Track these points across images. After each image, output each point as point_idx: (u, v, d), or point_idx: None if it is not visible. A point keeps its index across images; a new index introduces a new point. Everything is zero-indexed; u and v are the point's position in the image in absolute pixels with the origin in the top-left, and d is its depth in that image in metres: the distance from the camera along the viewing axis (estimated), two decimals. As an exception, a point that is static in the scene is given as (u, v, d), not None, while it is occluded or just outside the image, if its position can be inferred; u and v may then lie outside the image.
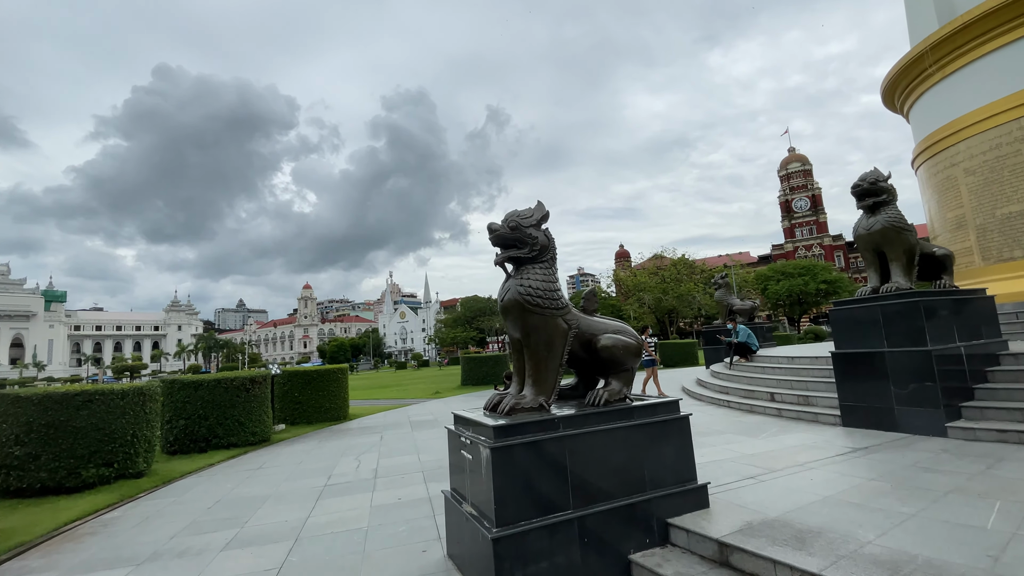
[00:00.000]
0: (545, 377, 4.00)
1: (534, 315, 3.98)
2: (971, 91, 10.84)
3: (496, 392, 4.27)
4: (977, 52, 10.62)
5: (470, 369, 24.02)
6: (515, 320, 4.05)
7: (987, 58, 10.41)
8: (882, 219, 6.86)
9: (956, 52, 10.96)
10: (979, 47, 10.56)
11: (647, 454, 3.94)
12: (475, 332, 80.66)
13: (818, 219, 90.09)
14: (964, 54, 10.81)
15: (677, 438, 4.11)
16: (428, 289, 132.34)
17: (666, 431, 4.08)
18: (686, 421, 4.18)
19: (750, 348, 11.70)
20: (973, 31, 10.49)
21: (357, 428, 12.94)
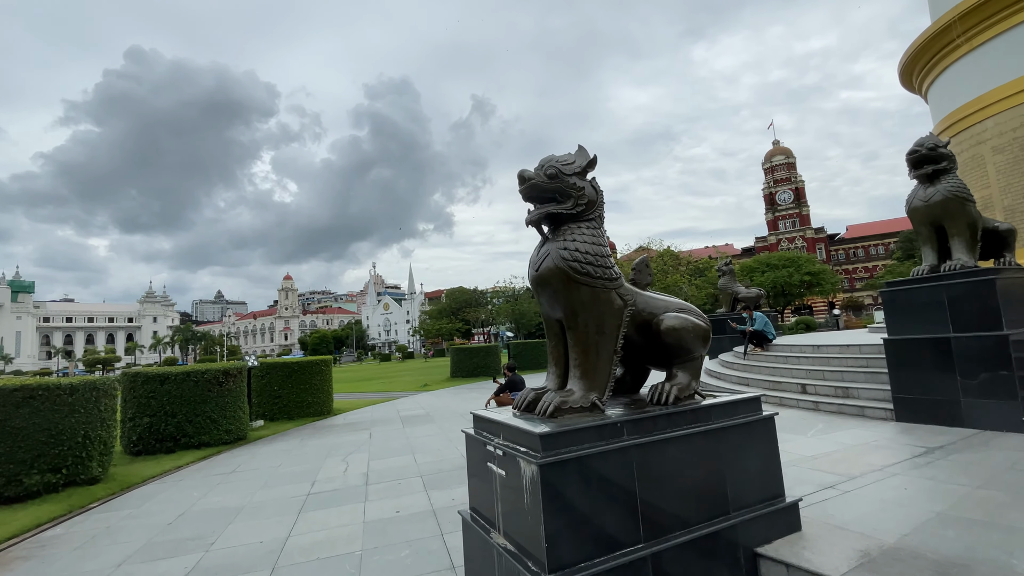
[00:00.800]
0: (596, 367, 3.09)
1: (582, 288, 3.07)
2: (1001, 64, 10.18)
3: (531, 390, 3.36)
4: (1009, 22, 9.94)
5: (460, 361, 23.07)
6: (556, 295, 3.14)
7: (1020, 29, 9.73)
8: (943, 189, 6.10)
9: (986, 23, 10.27)
10: (1011, 17, 9.88)
11: (729, 466, 3.08)
12: (461, 323, 79.45)
13: (801, 212, 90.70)
14: (995, 24, 10.13)
15: (763, 444, 3.26)
16: (412, 280, 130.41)
17: (750, 436, 3.22)
18: (771, 423, 3.33)
19: (767, 337, 10.99)
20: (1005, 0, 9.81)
21: (343, 424, 11.93)
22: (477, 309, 77.91)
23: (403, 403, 15.51)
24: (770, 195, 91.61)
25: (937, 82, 12.41)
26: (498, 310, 75.42)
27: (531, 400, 3.24)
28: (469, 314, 77.51)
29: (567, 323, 3.16)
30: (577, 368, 3.11)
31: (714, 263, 73.85)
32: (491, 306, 79.84)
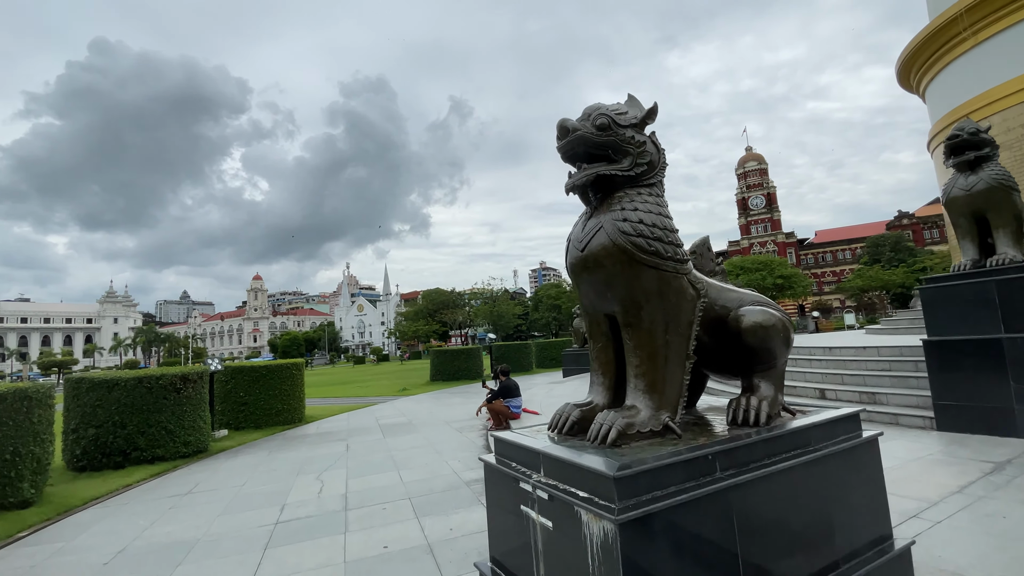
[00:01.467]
0: (667, 377, 2.34)
1: (647, 272, 2.32)
2: (1007, 59, 9.92)
3: (574, 406, 2.59)
4: (1016, 16, 9.69)
5: (440, 364, 22.13)
6: (610, 281, 2.38)
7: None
8: (987, 177, 5.60)
9: (993, 16, 10.02)
10: (1019, 11, 9.63)
11: (834, 504, 2.37)
12: (438, 325, 78.12)
13: (772, 216, 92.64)
14: (1002, 18, 9.88)
15: (868, 472, 2.57)
16: (388, 281, 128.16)
17: (855, 463, 2.52)
18: (875, 446, 2.63)
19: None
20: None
21: (316, 434, 10.92)
22: (454, 311, 76.76)
23: (381, 409, 14.53)
24: (743, 200, 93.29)
25: (935, 81, 12.20)
26: (476, 312, 74.46)
27: (576, 420, 2.47)
28: (446, 316, 76.30)
29: (625, 319, 2.40)
30: (641, 378, 2.35)
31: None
32: (469, 308, 78.81)
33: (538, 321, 70.55)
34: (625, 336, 2.42)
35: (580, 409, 2.51)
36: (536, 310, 70.85)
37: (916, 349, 7.16)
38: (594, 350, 2.69)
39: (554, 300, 68.15)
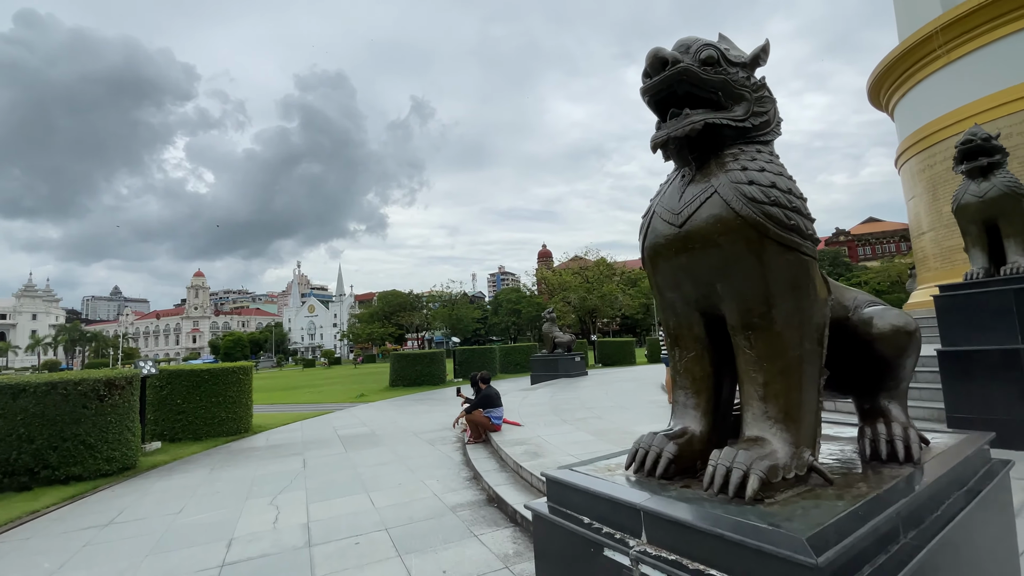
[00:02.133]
0: (803, 401, 1.73)
1: (783, 254, 1.72)
2: (980, 78, 10.19)
3: (659, 435, 1.93)
4: (987, 38, 9.98)
5: (401, 368, 21.03)
6: (727, 265, 1.76)
7: (1003, 42, 9.77)
8: (1000, 184, 5.44)
9: (965, 36, 10.27)
10: (989, 32, 9.91)
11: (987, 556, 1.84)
12: (394, 328, 76.00)
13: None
14: (975, 39, 10.14)
15: (1007, 510, 2.06)
16: (341, 282, 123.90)
17: (1001, 501, 2.01)
18: (1008, 476, 2.14)
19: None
20: (988, 13, 9.80)
21: (266, 447, 9.78)
22: (412, 313, 74.94)
23: (339, 418, 13.41)
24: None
25: (904, 100, 12.52)
26: (434, 315, 72.94)
27: (673, 457, 1.81)
28: (403, 318, 74.37)
29: (746, 319, 1.77)
30: (771, 401, 1.72)
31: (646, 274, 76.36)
32: (426, 311, 77.14)
33: (497, 325, 69.93)
34: (742, 343, 1.79)
35: (675, 442, 1.86)
36: (496, 314, 70.21)
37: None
38: (682, 361, 2.05)
39: (514, 305, 67.75)
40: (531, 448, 6.62)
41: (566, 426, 8.10)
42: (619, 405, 10.19)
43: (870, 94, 14.05)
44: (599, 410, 9.65)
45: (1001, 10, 9.62)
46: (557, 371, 17.76)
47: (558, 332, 18.71)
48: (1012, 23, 9.68)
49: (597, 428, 7.73)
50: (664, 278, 2.00)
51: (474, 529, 4.64)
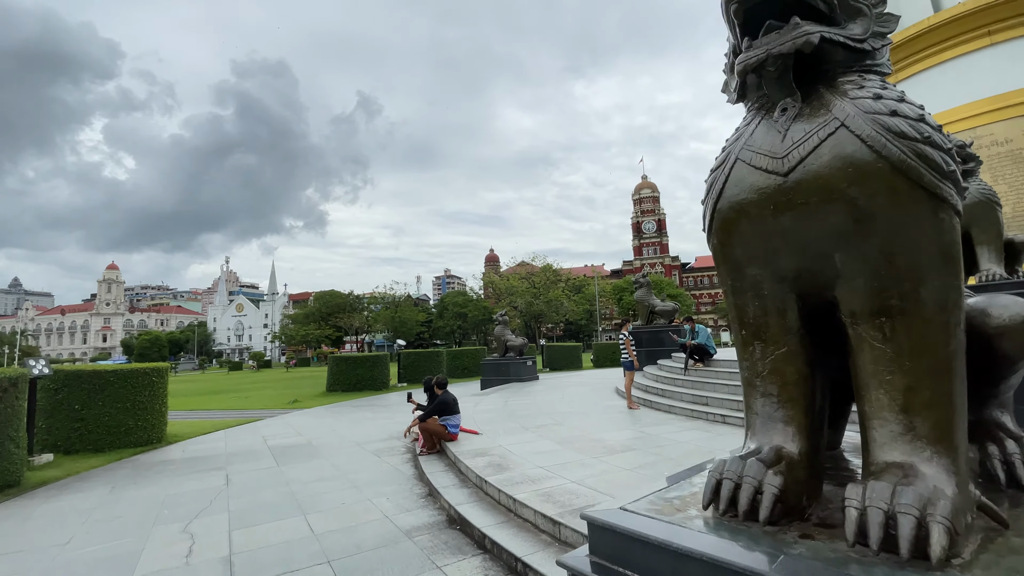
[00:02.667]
0: (958, 410, 1.27)
1: (933, 210, 1.26)
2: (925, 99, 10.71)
3: (752, 460, 1.41)
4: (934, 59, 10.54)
5: (340, 372, 19.72)
6: (854, 224, 1.29)
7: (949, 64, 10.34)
8: (975, 191, 5.49)
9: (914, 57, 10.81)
10: (937, 55, 10.48)
11: None
12: (331, 330, 72.60)
13: (662, 241, 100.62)
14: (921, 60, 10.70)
15: None
16: (274, 280, 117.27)
17: None
18: None
19: (708, 351, 10.25)
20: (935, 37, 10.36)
21: (183, 460, 8.55)
22: (351, 315, 71.95)
23: (269, 426, 12.17)
24: (637, 224, 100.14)
25: None
26: (376, 317, 70.43)
27: (779, 492, 1.31)
28: (342, 320, 71.25)
29: (883, 300, 1.29)
30: (919, 415, 1.25)
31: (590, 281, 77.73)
32: (368, 313, 74.39)
33: (442, 329, 68.55)
34: (871, 335, 1.31)
35: (777, 472, 1.35)
36: (441, 318, 68.81)
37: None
38: (766, 360, 1.55)
39: (461, 308, 66.75)
40: (494, 460, 6.02)
41: (528, 434, 7.56)
42: (578, 411, 9.80)
43: None
44: (559, 416, 9.20)
45: (946, 34, 10.17)
46: (509, 375, 17.24)
47: (511, 336, 18.21)
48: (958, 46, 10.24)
49: (561, 436, 7.25)
50: (749, 248, 1.50)
51: (436, 559, 3.98)
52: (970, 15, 9.82)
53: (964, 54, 10.10)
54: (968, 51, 10.04)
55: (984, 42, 9.84)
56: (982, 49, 9.86)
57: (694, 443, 6.43)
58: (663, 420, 8.14)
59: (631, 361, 9.67)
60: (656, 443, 6.53)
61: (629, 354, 9.66)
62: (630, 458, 5.82)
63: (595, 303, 69.38)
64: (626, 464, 5.56)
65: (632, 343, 9.76)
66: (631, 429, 7.53)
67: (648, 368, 13.08)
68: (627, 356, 9.68)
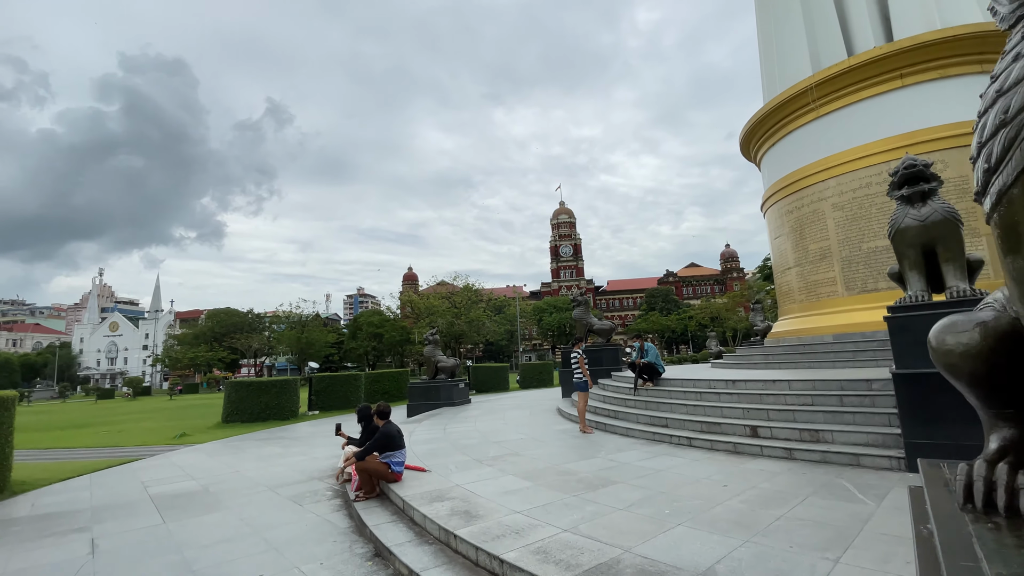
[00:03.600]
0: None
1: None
2: (845, 132, 11.53)
3: None
4: (852, 97, 11.38)
5: (241, 399, 17.21)
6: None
7: (866, 103, 11.18)
8: (941, 209, 5.57)
9: (835, 95, 11.61)
10: (855, 93, 11.32)
11: None
12: (225, 352, 65.60)
13: (578, 264, 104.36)
14: (841, 97, 11.51)
15: None
16: (158, 296, 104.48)
17: None
18: None
19: (657, 370, 9.94)
20: (853, 77, 11.19)
21: (31, 518, 6.47)
22: (250, 336, 65.65)
23: (151, 467, 9.97)
24: (555, 247, 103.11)
25: (772, 151, 13.92)
26: (279, 338, 64.80)
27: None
28: (238, 341, 64.75)
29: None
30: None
31: (510, 302, 77.91)
32: (269, 333, 68.34)
33: (355, 351, 64.59)
34: None
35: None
36: (354, 339, 64.86)
37: (833, 383, 7.05)
38: None
39: (376, 328, 63.44)
40: (457, 505, 4.99)
41: (485, 468, 6.59)
42: (529, 437, 8.97)
43: (741, 146, 15.54)
44: (511, 445, 8.30)
45: (864, 75, 11.02)
46: (439, 399, 16.01)
47: (441, 356, 17.01)
48: (875, 86, 11.11)
49: (524, 469, 6.37)
50: None
51: (411, 657, 2.91)
52: (883, 59, 10.73)
53: (878, 94, 11.01)
54: (882, 91, 10.95)
55: (896, 84, 10.78)
56: (895, 91, 10.79)
57: (674, 471, 5.88)
58: (626, 445, 7.56)
59: (585, 381, 9.08)
60: (635, 473, 5.88)
61: (584, 373, 9.07)
62: (618, 494, 5.09)
63: (516, 323, 69.43)
64: (617, 502, 4.82)
65: (586, 361, 9.20)
66: (598, 457, 6.85)
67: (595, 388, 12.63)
68: (580, 375, 9.09)
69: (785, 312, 13.41)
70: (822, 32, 12.64)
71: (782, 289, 13.48)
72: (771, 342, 13.35)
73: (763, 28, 14.87)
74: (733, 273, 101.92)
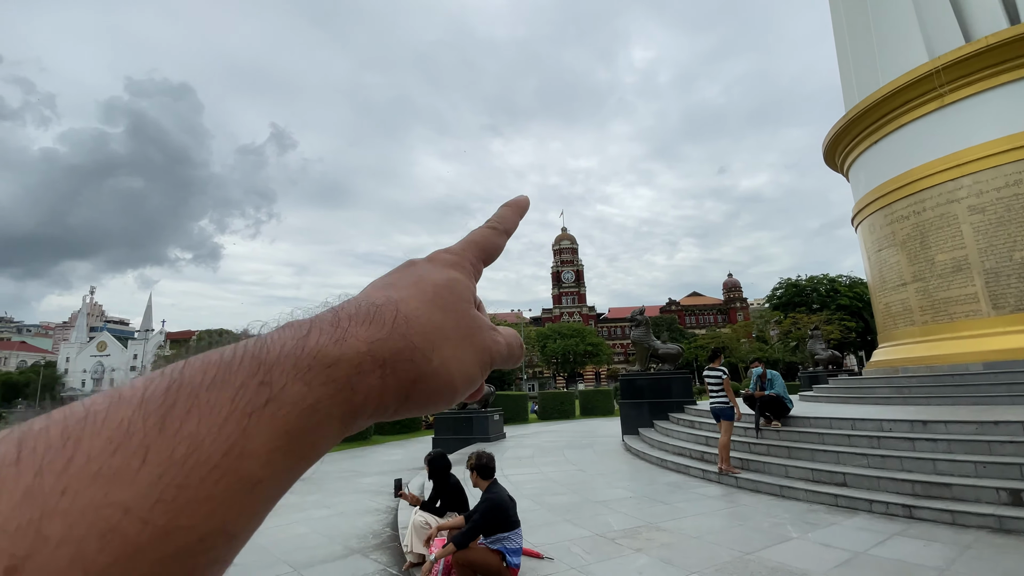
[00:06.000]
0: None
1: None
2: (980, 122, 9.74)
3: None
4: (992, 81, 9.63)
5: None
6: None
7: (1011, 87, 9.42)
8: None
9: (968, 78, 9.87)
10: (995, 76, 9.58)
11: None
12: (218, 374, 62.48)
13: (580, 291, 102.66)
14: (977, 81, 9.76)
15: None
16: (150, 315, 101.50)
17: None
18: None
19: (786, 405, 7.81)
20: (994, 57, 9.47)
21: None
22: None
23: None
24: (556, 273, 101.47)
25: (864, 156, 12.28)
26: (274, 360, 61.89)
27: None
28: (232, 363, 61.72)
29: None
30: None
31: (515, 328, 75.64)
32: (264, 355, 65.47)
33: (351, 375, 61.69)
34: None
35: None
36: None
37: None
38: None
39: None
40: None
41: (629, 554, 4.36)
42: (640, 494, 6.69)
43: (826, 155, 13.95)
44: (626, 507, 6.04)
45: (1008, 55, 9.30)
46: (472, 433, 13.69)
47: (473, 382, 14.75)
48: (1007, 72, 9.40)
49: (699, 561, 4.16)
50: None
51: None
52: None
53: None
54: None
55: None
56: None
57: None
58: (804, 515, 5.34)
59: (730, 407, 6.95)
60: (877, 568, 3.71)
61: (730, 398, 6.96)
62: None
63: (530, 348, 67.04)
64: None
65: (731, 383, 7.14)
66: (795, 538, 4.63)
67: (659, 424, 10.41)
68: (724, 400, 6.96)
69: (893, 337, 11.33)
70: (934, 16, 11.02)
71: (890, 310, 11.43)
72: (880, 371, 11.24)
73: (849, 23, 13.30)
74: (736, 303, 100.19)
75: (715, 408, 7.08)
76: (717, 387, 7.11)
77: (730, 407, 6.99)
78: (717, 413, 7.04)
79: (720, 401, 7.05)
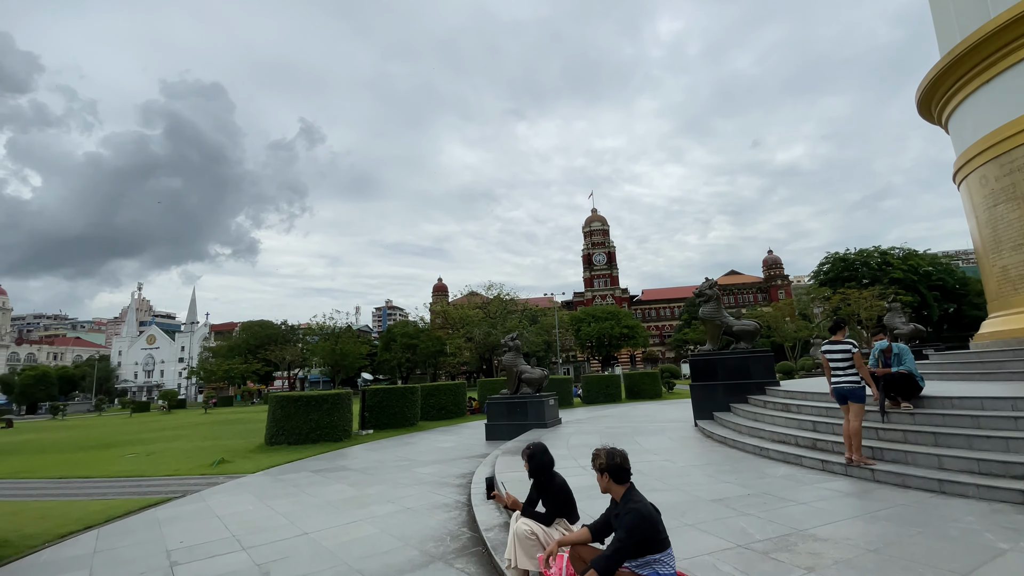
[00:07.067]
0: None
1: None
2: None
3: None
4: None
5: (287, 416, 14.40)
6: None
7: None
8: None
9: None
10: None
11: None
12: (260, 364, 63.97)
13: (612, 273, 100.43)
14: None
15: None
16: (194, 309, 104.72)
17: None
18: None
19: (918, 383, 6.67)
20: None
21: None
22: (284, 348, 63.98)
23: (181, 517, 7.14)
24: (588, 256, 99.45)
25: (966, 104, 10.73)
26: (312, 349, 62.91)
27: None
28: (272, 353, 63.11)
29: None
30: None
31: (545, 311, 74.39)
32: (303, 345, 66.61)
33: (388, 362, 62.12)
34: None
35: None
36: (387, 350, 62.42)
37: None
38: None
39: (410, 339, 60.94)
40: None
41: (785, 564, 3.45)
42: (761, 491, 5.73)
43: (920, 105, 12.40)
44: (736, 503, 5.11)
45: None
46: (527, 419, 12.91)
47: (525, 366, 13.93)
48: None
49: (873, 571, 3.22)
50: None
51: None
52: None
53: None
54: None
55: None
56: None
57: None
58: (978, 511, 4.31)
59: (863, 388, 5.89)
60: None
61: (863, 376, 5.91)
62: None
63: (553, 334, 65.95)
64: None
65: (863, 360, 6.10)
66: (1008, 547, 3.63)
67: (737, 407, 9.33)
68: (854, 378, 5.90)
69: (1013, 304, 9.87)
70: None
71: (1008, 274, 9.95)
72: (997, 343, 9.83)
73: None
74: (777, 280, 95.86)
75: (843, 389, 5.97)
76: (845, 363, 6.01)
77: (862, 387, 5.89)
78: (845, 394, 5.94)
79: (850, 380, 5.95)
